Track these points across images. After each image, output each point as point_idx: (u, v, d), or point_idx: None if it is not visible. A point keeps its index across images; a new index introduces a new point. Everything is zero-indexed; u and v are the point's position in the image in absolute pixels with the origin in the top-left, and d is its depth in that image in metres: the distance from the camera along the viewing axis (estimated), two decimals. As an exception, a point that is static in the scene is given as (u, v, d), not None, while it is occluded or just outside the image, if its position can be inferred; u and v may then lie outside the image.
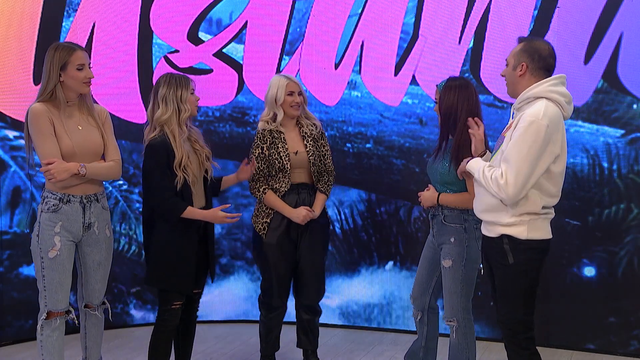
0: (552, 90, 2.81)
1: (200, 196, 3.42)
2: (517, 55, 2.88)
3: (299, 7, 4.64)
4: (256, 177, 3.61)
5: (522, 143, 2.72)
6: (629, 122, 4.05)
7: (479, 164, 2.92)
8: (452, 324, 3.28)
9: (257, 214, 3.65)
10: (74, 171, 3.11)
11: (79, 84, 3.17)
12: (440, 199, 3.26)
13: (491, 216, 2.89)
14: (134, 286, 4.77)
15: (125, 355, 4.22)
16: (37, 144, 3.11)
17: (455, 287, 3.24)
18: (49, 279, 3.14)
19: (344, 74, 4.60)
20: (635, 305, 4.09)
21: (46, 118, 3.10)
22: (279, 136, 3.59)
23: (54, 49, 3.16)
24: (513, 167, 2.73)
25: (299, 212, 3.54)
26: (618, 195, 4.09)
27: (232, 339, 4.53)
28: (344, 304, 4.77)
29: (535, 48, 2.86)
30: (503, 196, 2.78)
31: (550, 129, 2.72)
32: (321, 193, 3.68)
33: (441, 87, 3.28)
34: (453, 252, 3.24)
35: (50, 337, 3.18)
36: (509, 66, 2.92)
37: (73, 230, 3.19)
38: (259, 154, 3.59)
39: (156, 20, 4.65)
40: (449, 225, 3.27)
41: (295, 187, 3.61)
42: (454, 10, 4.33)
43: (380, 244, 4.66)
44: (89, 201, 3.23)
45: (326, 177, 3.72)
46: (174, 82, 3.32)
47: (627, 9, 3.99)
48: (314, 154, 3.63)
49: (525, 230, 2.81)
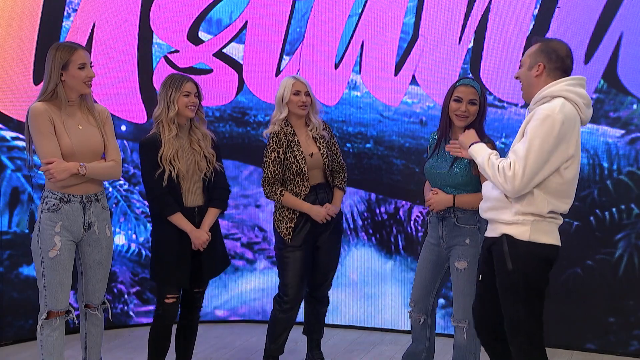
0: (569, 90, 2.69)
1: (195, 195, 3.48)
2: (533, 55, 2.78)
3: (299, 7, 4.64)
4: (271, 180, 3.60)
5: (534, 136, 2.61)
6: (629, 122, 4.05)
7: (484, 150, 2.82)
8: (462, 326, 3.23)
9: (279, 218, 3.66)
10: (74, 171, 3.11)
11: (80, 84, 3.17)
12: (457, 200, 3.18)
13: (493, 214, 2.80)
14: (134, 286, 4.77)
15: (125, 355, 4.21)
16: (37, 144, 3.11)
17: (469, 289, 3.16)
18: (50, 278, 3.14)
19: (344, 74, 4.60)
20: (635, 305, 4.09)
21: (46, 117, 3.10)
22: (293, 139, 3.61)
23: (55, 48, 3.16)
24: (522, 160, 2.62)
25: (319, 211, 3.59)
26: (618, 195, 4.09)
27: (232, 339, 4.53)
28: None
29: (552, 48, 2.76)
30: (508, 188, 2.66)
31: (566, 126, 2.62)
32: (339, 189, 3.75)
33: (477, 85, 3.20)
34: (468, 253, 3.18)
35: (50, 336, 3.18)
36: (524, 67, 2.82)
37: (73, 230, 3.18)
38: (275, 158, 3.58)
39: (156, 20, 4.65)
40: (464, 227, 3.21)
41: (312, 189, 3.64)
42: (454, 10, 4.33)
43: (380, 244, 4.66)
44: (89, 201, 3.23)
45: (341, 174, 3.78)
46: (168, 83, 3.44)
47: (627, 9, 3.99)
48: (328, 155, 3.68)
49: (528, 231, 2.70)
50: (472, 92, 3.17)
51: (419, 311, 3.40)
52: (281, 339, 3.73)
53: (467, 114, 3.17)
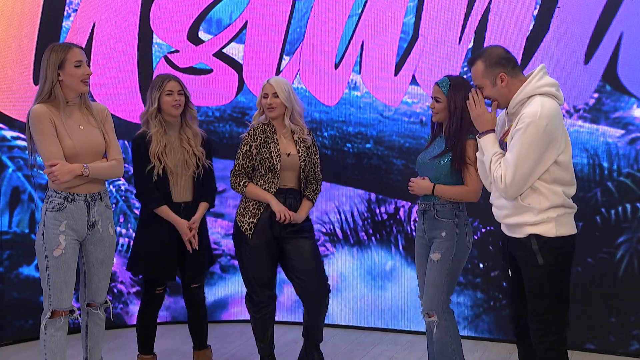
0: (541, 85, 2.81)
1: (183, 190, 3.66)
2: (488, 72, 2.87)
3: (299, 7, 4.64)
4: (238, 172, 3.62)
5: (521, 143, 2.73)
6: (629, 122, 4.05)
7: (491, 148, 2.90)
8: (432, 320, 3.26)
9: (243, 212, 3.63)
10: (78, 172, 3.13)
11: (77, 82, 3.17)
12: (436, 189, 3.26)
13: (516, 219, 2.86)
14: (134, 286, 4.77)
15: (125, 355, 4.21)
16: (40, 146, 3.12)
17: (439, 280, 3.23)
18: (54, 278, 3.14)
19: (344, 74, 4.60)
20: (635, 305, 4.09)
21: (47, 119, 3.11)
22: (272, 136, 3.60)
23: (50, 49, 3.19)
24: (512, 168, 2.75)
25: (279, 205, 3.54)
26: (618, 195, 4.09)
27: (232, 339, 4.53)
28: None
29: (494, 55, 2.87)
30: (503, 195, 2.83)
31: (550, 127, 2.72)
32: (308, 200, 3.70)
33: (445, 85, 3.27)
34: (442, 246, 3.25)
35: (54, 336, 3.17)
36: (488, 87, 2.90)
37: (78, 228, 3.19)
38: (246, 151, 3.60)
39: (156, 20, 4.65)
40: (442, 220, 3.28)
41: (282, 192, 3.61)
42: (454, 10, 4.33)
43: (380, 244, 4.66)
44: (93, 200, 3.24)
45: (314, 185, 3.74)
46: (153, 82, 3.69)
47: (627, 9, 3.99)
48: (305, 159, 3.65)
49: (554, 227, 2.79)
50: (436, 90, 3.32)
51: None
52: (266, 337, 3.70)
53: (435, 110, 3.32)
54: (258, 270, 3.60)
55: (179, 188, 3.64)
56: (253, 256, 3.59)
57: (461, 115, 3.23)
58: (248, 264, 3.62)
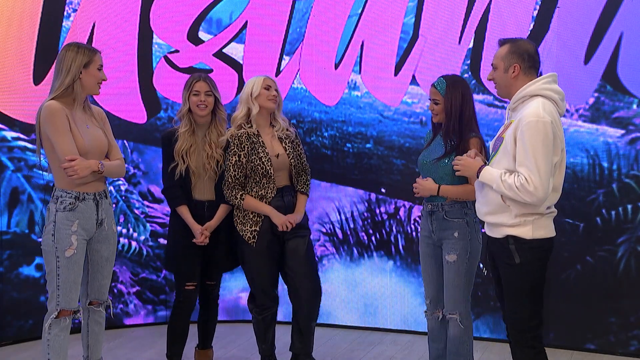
0: (546, 88, 2.83)
1: (205, 190, 3.68)
2: (506, 58, 2.89)
3: (299, 7, 4.65)
4: (232, 184, 3.56)
5: (534, 143, 2.71)
6: (629, 122, 4.05)
7: (493, 174, 2.86)
8: (453, 317, 3.28)
9: (243, 221, 3.59)
10: (95, 168, 3.17)
11: (94, 84, 3.24)
12: (441, 190, 3.26)
13: (495, 218, 2.89)
14: (134, 286, 4.77)
15: (125, 355, 4.21)
16: (57, 141, 3.11)
17: (458, 281, 3.26)
18: (64, 278, 3.14)
19: (344, 74, 4.60)
20: (635, 305, 4.09)
21: (63, 115, 3.12)
22: (257, 140, 3.57)
23: (77, 47, 3.21)
24: (535, 170, 2.70)
25: (280, 217, 3.53)
26: (618, 195, 4.09)
27: (232, 339, 4.53)
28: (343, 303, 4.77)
29: (523, 48, 2.88)
30: (534, 200, 2.73)
31: (553, 125, 2.74)
32: (302, 194, 3.71)
33: (441, 86, 3.29)
34: (457, 246, 3.25)
35: (58, 336, 3.17)
36: (499, 69, 2.92)
37: (88, 227, 3.21)
38: (236, 162, 3.54)
39: (156, 20, 4.65)
40: (452, 221, 3.28)
41: (279, 191, 3.61)
42: (454, 10, 4.34)
43: (380, 244, 4.66)
44: (101, 198, 3.27)
45: (304, 177, 3.73)
46: (186, 81, 3.71)
47: (627, 9, 3.99)
48: (294, 156, 3.65)
49: (530, 230, 2.81)
50: (433, 92, 3.33)
51: (436, 307, 3.42)
52: (268, 337, 3.71)
53: (435, 112, 3.33)
54: (261, 273, 3.61)
55: (200, 187, 3.67)
56: (256, 260, 3.59)
57: (460, 113, 3.24)
58: (251, 267, 3.62)
